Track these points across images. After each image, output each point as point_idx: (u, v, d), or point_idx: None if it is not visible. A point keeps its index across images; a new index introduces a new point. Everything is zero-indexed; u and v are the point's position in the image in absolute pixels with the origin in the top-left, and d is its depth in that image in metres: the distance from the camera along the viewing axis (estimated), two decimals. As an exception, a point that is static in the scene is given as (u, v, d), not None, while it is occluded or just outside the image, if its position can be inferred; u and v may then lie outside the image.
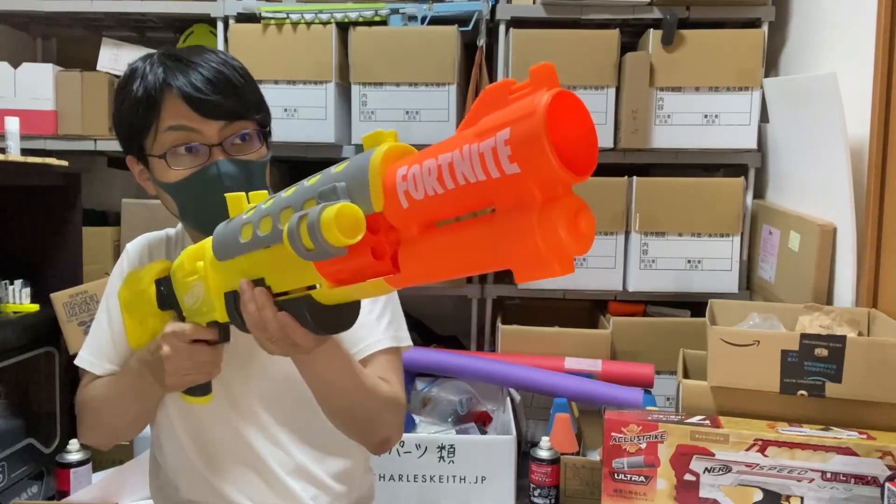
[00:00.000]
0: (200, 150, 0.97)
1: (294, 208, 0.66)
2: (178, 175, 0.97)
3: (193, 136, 0.96)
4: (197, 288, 0.85)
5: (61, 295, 1.73)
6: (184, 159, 0.97)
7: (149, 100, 0.96)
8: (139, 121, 0.97)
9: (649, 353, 1.92)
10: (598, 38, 2.01)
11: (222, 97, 0.96)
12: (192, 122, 0.95)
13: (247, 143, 1.00)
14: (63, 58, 2.46)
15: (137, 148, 1.00)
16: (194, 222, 1.02)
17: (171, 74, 0.96)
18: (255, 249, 0.72)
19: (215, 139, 0.97)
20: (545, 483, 1.64)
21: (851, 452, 1.21)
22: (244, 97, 0.99)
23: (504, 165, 0.48)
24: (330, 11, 2.02)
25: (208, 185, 0.96)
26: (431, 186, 0.54)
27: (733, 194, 2.01)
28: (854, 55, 1.66)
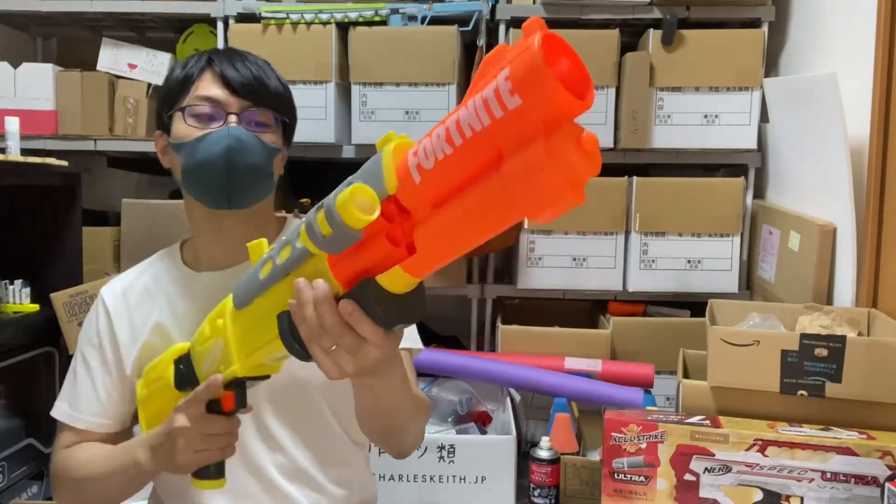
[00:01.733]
0: (219, 116, 1.01)
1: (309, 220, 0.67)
2: (192, 133, 1.00)
3: (218, 105, 1.02)
4: (215, 348, 0.82)
5: (61, 295, 1.73)
6: (201, 120, 1.01)
7: (187, 76, 1.03)
8: (175, 89, 1.04)
9: (649, 353, 1.92)
10: (598, 38, 2.01)
11: (253, 83, 1.03)
12: (220, 95, 1.02)
13: (265, 129, 1.04)
14: (63, 58, 2.46)
15: (166, 116, 1.05)
16: (192, 182, 1.02)
17: (216, 59, 1.04)
18: (276, 281, 0.70)
19: (235, 111, 1.02)
20: (545, 483, 1.64)
21: (851, 452, 1.21)
22: (275, 93, 1.06)
23: (506, 101, 0.49)
24: (330, 11, 2.02)
25: (216, 142, 0.99)
26: (441, 149, 0.55)
27: (733, 194, 2.01)
28: (854, 55, 1.66)
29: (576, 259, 2.05)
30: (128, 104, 2.16)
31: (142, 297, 1.10)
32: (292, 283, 0.66)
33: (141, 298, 1.09)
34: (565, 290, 2.08)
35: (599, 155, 0.50)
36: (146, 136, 2.17)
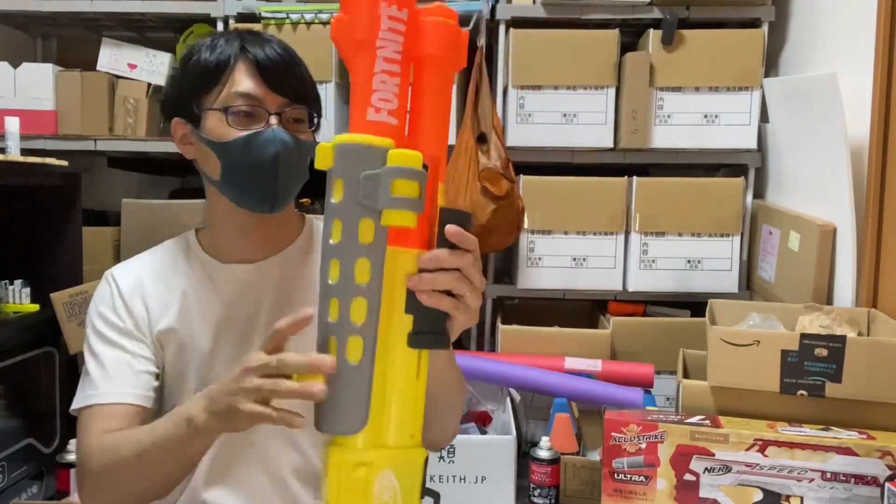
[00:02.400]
0: (261, 116, 0.97)
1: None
2: (234, 133, 0.96)
3: (257, 103, 0.97)
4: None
5: (61, 295, 1.73)
6: (242, 121, 0.97)
7: (222, 62, 0.98)
8: (208, 77, 0.98)
9: (649, 353, 1.92)
10: (598, 38, 2.01)
11: (289, 76, 0.99)
12: (258, 91, 0.97)
13: (299, 125, 1.01)
14: (63, 58, 2.46)
15: (195, 105, 0.99)
16: (235, 183, 0.99)
17: (249, 44, 0.99)
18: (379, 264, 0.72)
19: (275, 110, 0.98)
20: (545, 483, 1.64)
21: (851, 452, 1.22)
22: (306, 85, 1.03)
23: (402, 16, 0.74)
24: (330, 11, 2.02)
25: (262, 146, 0.95)
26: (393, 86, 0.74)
27: (733, 194, 2.01)
28: (854, 55, 1.66)
29: (576, 259, 2.05)
30: (128, 104, 2.16)
31: (158, 282, 1.05)
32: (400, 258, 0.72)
33: (158, 284, 1.05)
34: (565, 290, 2.08)
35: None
36: (146, 136, 2.17)
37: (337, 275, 0.70)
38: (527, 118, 2.04)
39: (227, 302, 1.03)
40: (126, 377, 0.99)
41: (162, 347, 1.03)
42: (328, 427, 0.72)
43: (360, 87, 0.73)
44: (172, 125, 1.04)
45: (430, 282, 0.72)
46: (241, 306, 1.04)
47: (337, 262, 0.71)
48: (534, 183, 2.04)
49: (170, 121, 1.05)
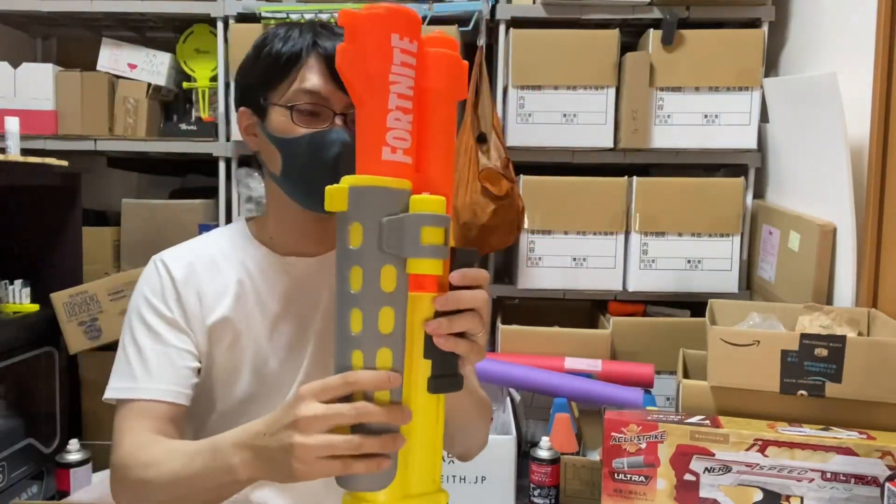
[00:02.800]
0: (327, 115, 0.95)
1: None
2: (299, 131, 0.95)
3: (323, 101, 0.95)
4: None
5: (61, 295, 1.73)
6: (307, 119, 0.95)
7: (293, 55, 0.96)
8: (278, 71, 0.96)
9: (649, 353, 1.92)
10: (598, 38, 2.01)
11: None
12: (325, 89, 0.95)
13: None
14: (63, 58, 2.46)
15: (262, 97, 0.98)
16: (295, 181, 0.97)
17: (321, 38, 0.97)
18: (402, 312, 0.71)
19: (340, 110, 0.96)
20: (545, 483, 1.64)
21: (851, 452, 1.21)
22: None
23: (411, 48, 0.74)
24: (330, 11, 2.02)
25: (325, 147, 0.93)
26: (406, 123, 0.73)
27: (733, 194, 2.01)
28: (854, 55, 1.66)
29: (576, 259, 2.05)
30: (128, 104, 2.16)
31: (212, 270, 1.02)
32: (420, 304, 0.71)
33: (211, 271, 1.02)
34: (565, 290, 2.08)
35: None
36: (146, 136, 2.17)
37: (360, 325, 0.68)
38: (527, 118, 2.04)
39: (285, 295, 1.02)
40: (167, 373, 0.96)
41: (212, 341, 1.00)
42: (355, 484, 0.69)
43: (373, 124, 0.71)
44: (239, 114, 1.03)
45: (448, 326, 0.72)
46: (298, 300, 1.02)
47: (359, 313, 0.68)
48: (534, 183, 2.04)
49: (237, 108, 1.04)
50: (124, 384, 0.96)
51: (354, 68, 0.72)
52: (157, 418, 0.94)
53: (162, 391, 0.95)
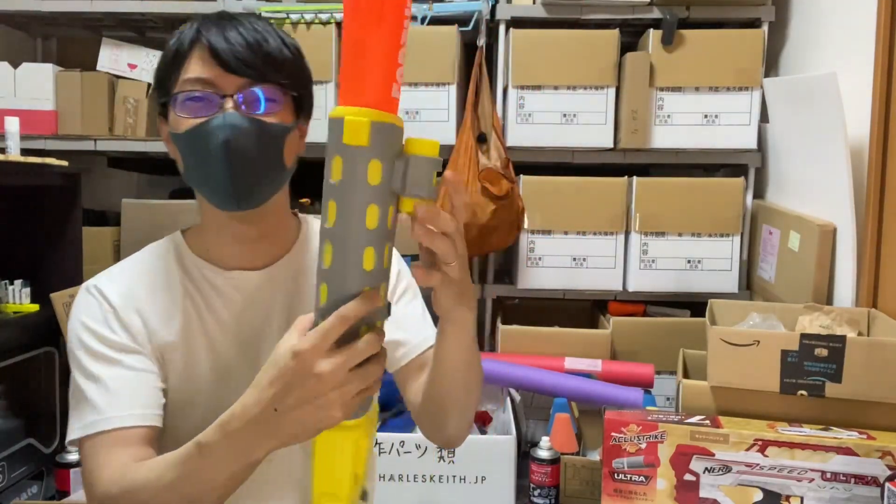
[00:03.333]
0: (212, 100, 0.86)
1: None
2: (185, 124, 0.86)
3: (207, 87, 0.87)
4: None
5: (61, 295, 1.73)
6: (193, 108, 0.87)
7: (178, 52, 0.89)
8: (165, 73, 0.90)
9: (649, 353, 1.92)
10: (598, 38, 2.01)
11: (250, 54, 0.87)
12: (210, 74, 0.86)
13: (268, 107, 0.88)
14: (63, 58, 2.46)
15: (161, 101, 0.92)
16: (195, 181, 0.91)
17: (206, 28, 0.89)
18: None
19: (230, 91, 0.86)
20: (545, 483, 1.64)
21: (851, 452, 1.21)
22: (278, 63, 0.89)
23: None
24: (330, 11, 2.02)
25: (208, 136, 0.84)
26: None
27: (733, 194, 2.01)
28: (854, 55, 1.66)
29: (576, 259, 2.05)
30: (128, 104, 2.16)
31: (153, 292, 0.93)
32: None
33: (153, 294, 0.93)
34: (565, 290, 2.08)
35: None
36: (146, 136, 2.17)
37: (373, 262, 0.69)
38: (527, 118, 2.04)
39: (235, 314, 0.94)
40: (134, 396, 0.88)
41: (164, 363, 0.92)
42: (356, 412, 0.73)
43: (384, 59, 0.68)
44: (159, 126, 0.95)
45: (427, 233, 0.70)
46: (251, 320, 0.95)
47: (372, 251, 0.68)
48: (534, 183, 2.04)
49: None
50: (88, 419, 0.86)
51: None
52: (133, 444, 0.86)
53: (132, 416, 0.87)
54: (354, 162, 0.67)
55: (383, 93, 0.69)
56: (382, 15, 0.67)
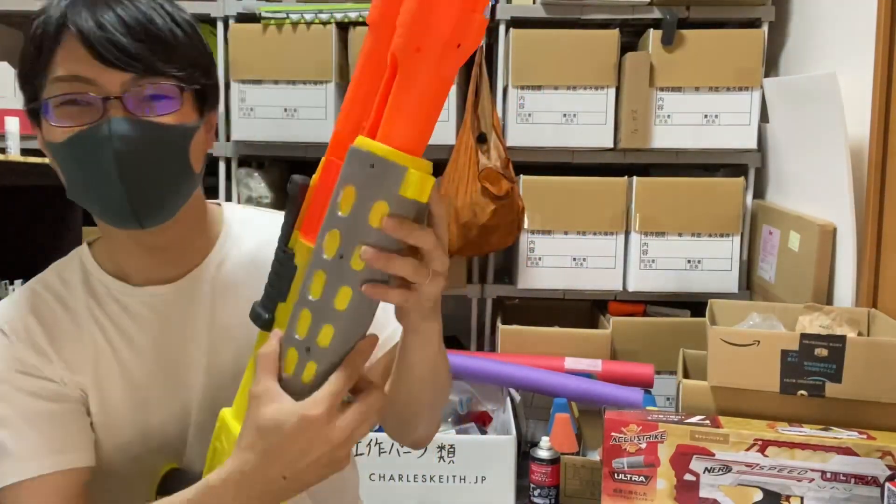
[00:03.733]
0: (93, 103, 0.71)
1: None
2: (62, 133, 0.72)
3: (86, 87, 0.71)
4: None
5: (61, 295, 1.73)
6: (70, 113, 0.72)
7: (43, 41, 0.72)
8: (29, 68, 0.75)
9: (649, 353, 1.92)
10: (598, 38, 2.01)
11: (133, 42, 0.71)
12: (87, 70, 0.71)
13: (162, 104, 0.74)
14: (63, 58, 2.46)
15: (29, 101, 0.78)
16: (82, 200, 0.77)
17: (74, 10, 0.72)
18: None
19: (115, 91, 0.71)
20: (545, 483, 1.64)
21: (851, 452, 1.21)
22: (170, 48, 0.73)
23: None
24: (330, 11, 2.02)
25: (94, 149, 0.71)
26: None
27: (733, 194, 2.01)
28: (854, 55, 1.66)
29: (576, 259, 2.05)
30: (128, 104, 2.16)
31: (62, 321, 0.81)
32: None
33: (62, 323, 0.81)
34: (565, 290, 2.08)
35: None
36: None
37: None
38: (527, 118, 2.04)
39: (152, 336, 0.83)
40: (51, 435, 0.76)
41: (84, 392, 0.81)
42: None
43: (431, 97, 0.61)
44: (32, 128, 0.80)
45: (385, 262, 0.60)
46: (169, 339, 0.83)
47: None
48: (534, 183, 2.04)
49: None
50: (4, 468, 0.75)
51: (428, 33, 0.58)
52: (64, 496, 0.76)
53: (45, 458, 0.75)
54: (400, 213, 0.60)
55: (426, 140, 0.62)
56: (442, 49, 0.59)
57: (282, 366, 0.66)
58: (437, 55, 0.58)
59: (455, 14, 0.58)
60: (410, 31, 0.58)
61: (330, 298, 0.62)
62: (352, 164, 0.60)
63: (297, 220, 0.68)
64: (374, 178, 0.59)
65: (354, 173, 0.60)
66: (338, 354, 0.65)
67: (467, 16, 0.58)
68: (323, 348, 0.64)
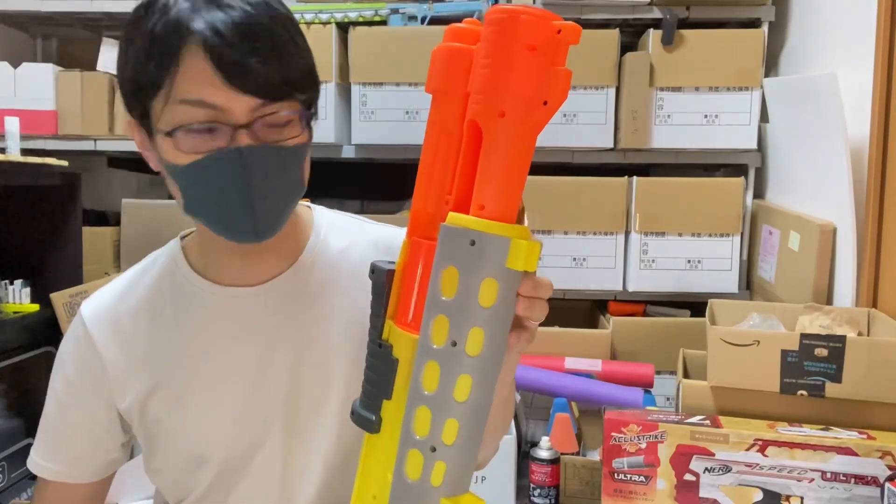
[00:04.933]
0: (222, 130, 0.72)
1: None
2: (188, 158, 0.72)
3: (216, 114, 0.71)
4: None
5: (61, 295, 1.73)
6: (198, 141, 0.72)
7: (163, 50, 0.70)
8: (147, 78, 0.72)
9: (649, 353, 1.92)
10: (598, 38, 2.01)
11: (261, 62, 0.70)
12: (215, 96, 0.70)
13: (286, 128, 0.75)
14: (63, 58, 2.46)
15: (141, 111, 0.75)
16: (203, 217, 0.77)
17: (195, 18, 0.69)
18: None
19: (244, 119, 0.71)
20: (545, 483, 1.64)
21: (851, 452, 1.21)
22: (291, 63, 0.75)
23: None
24: (330, 11, 2.02)
25: (224, 175, 0.71)
26: None
27: (733, 194, 2.01)
28: (854, 55, 1.66)
29: (576, 259, 2.05)
30: (128, 104, 2.16)
31: (141, 318, 0.84)
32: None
33: (139, 320, 0.84)
34: (565, 290, 2.08)
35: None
36: (146, 136, 2.16)
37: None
38: (527, 118, 2.04)
39: (241, 334, 0.83)
40: (85, 450, 0.86)
41: (147, 411, 0.84)
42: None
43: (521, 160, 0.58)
44: (127, 125, 0.79)
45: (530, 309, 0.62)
46: (253, 338, 0.83)
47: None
48: (534, 183, 2.03)
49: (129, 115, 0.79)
50: (40, 459, 0.87)
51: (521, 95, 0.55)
52: (63, 495, 0.88)
53: (78, 473, 0.87)
54: (510, 287, 0.57)
55: (519, 203, 0.59)
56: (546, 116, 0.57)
57: (404, 472, 0.60)
58: (522, 117, 0.55)
59: (535, 72, 0.55)
60: (490, 96, 0.55)
61: (448, 390, 0.58)
62: (447, 243, 0.57)
63: (388, 308, 0.64)
64: (477, 256, 0.56)
65: (453, 253, 0.57)
66: (466, 450, 0.60)
67: (548, 70, 0.55)
68: (448, 446, 0.59)
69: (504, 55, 0.55)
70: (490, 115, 0.56)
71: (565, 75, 0.57)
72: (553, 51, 0.56)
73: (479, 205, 0.57)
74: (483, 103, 0.56)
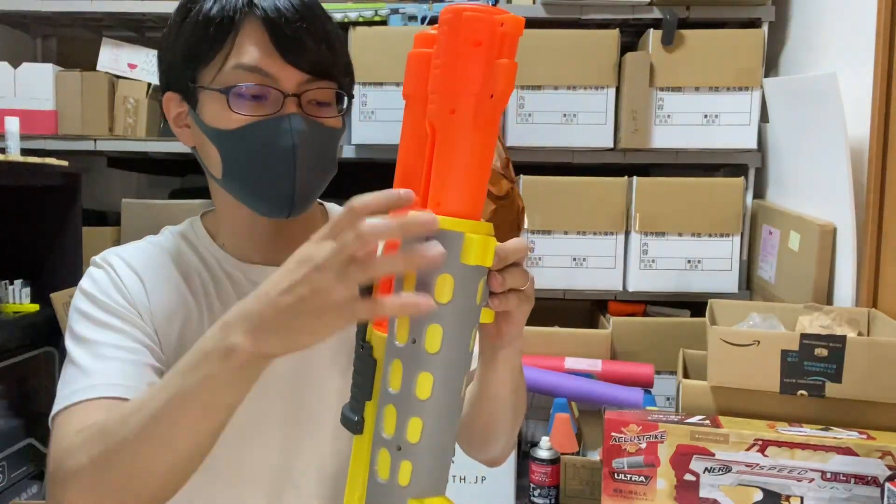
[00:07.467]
0: (273, 98, 0.77)
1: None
2: (238, 121, 0.76)
3: (268, 80, 0.76)
4: None
5: (61, 295, 1.73)
6: (248, 105, 0.76)
7: (226, 18, 0.76)
8: (205, 45, 0.77)
9: (649, 353, 1.92)
10: (598, 38, 2.01)
11: (314, 41, 0.77)
12: (270, 65, 0.76)
13: (323, 108, 0.81)
14: (63, 58, 2.46)
15: (189, 79, 0.79)
16: (241, 184, 0.80)
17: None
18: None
19: (293, 90, 0.77)
20: (545, 483, 1.64)
21: (851, 452, 1.21)
22: (336, 49, 0.81)
23: None
24: (330, 11, 2.02)
25: (273, 139, 0.75)
26: None
27: (733, 194, 2.01)
28: (854, 55, 1.66)
29: (576, 259, 2.05)
30: (128, 104, 2.16)
31: (160, 282, 0.83)
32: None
33: (161, 280, 0.83)
34: (565, 290, 2.08)
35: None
36: (146, 136, 2.16)
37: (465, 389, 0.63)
38: (527, 118, 2.04)
39: None
40: (126, 365, 0.77)
41: (167, 361, 0.81)
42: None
43: (477, 155, 0.59)
44: (165, 100, 0.83)
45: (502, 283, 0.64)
46: None
47: (466, 379, 0.62)
48: (534, 183, 2.04)
49: (163, 92, 0.83)
50: (74, 385, 0.76)
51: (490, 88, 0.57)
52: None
53: (119, 386, 0.75)
54: (467, 282, 0.58)
55: (482, 198, 0.60)
56: (496, 109, 0.58)
57: (376, 471, 0.60)
58: (471, 112, 0.57)
59: (480, 66, 0.56)
60: (442, 95, 0.57)
61: (411, 388, 0.57)
62: (406, 241, 0.56)
63: None
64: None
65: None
66: (434, 449, 0.60)
67: (492, 64, 0.56)
68: (414, 444, 0.59)
69: (452, 53, 0.57)
70: (442, 113, 0.58)
71: (509, 67, 0.57)
72: (498, 44, 0.57)
73: (435, 202, 0.58)
74: (437, 103, 0.58)
